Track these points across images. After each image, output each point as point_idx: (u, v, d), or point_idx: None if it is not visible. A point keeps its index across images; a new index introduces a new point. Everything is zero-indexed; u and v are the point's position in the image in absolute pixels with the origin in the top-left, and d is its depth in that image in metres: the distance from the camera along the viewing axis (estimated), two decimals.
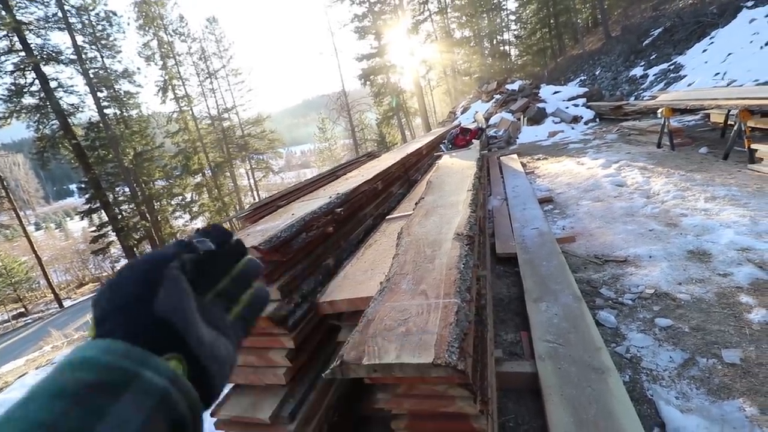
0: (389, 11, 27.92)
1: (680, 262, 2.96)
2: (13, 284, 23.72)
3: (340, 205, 2.17)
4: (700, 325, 2.27)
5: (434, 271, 1.26)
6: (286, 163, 69.56)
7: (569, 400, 1.79)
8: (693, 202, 4.03)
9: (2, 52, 17.59)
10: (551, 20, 29.09)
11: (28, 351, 7.06)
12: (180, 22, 26.90)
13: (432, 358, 0.84)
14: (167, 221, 24.63)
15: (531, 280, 2.91)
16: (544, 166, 7.44)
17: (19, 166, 63.26)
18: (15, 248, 25.94)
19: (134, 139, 22.55)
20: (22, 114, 18.45)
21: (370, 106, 33.36)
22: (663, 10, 18.04)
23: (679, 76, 12.49)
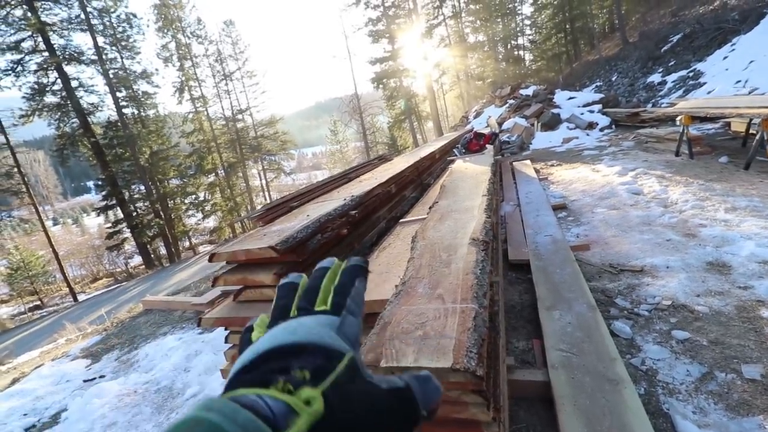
0: (403, 15, 28.01)
1: (699, 274, 2.90)
2: (31, 277, 24.27)
3: (354, 208, 2.17)
4: (719, 339, 2.22)
5: (450, 275, 1.25)
6: (297, 165, 70.03)
7: (583, 411, 1.76)
8: (712, 212, 3.95)
9: (27, 51, 18.10)
10: (567, 25, 28.82)
11: (43, 343, 7.20)
12: (198, 25, 27.37)
13: (451, 362, 0.83)
14: (180, 219, 24.97)
15: (544, 288, 2.88)
16: (558, 172, 7.36)
17: (39, 162, 64.92)
18: (33, 242, 26.55)
19: (151, 139, 22.95)
20: (44, 112, 18.93)
21: (382, 110, 33.45)
22: (682, 15, 17.75)
23: (699, 84, 12.26)
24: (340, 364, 0.28)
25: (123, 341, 4.77)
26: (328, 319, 0.33)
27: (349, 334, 0.32)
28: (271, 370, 0.27)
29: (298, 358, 0.28)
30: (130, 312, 6.22)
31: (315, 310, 0.34)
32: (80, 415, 3.13)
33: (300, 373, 0.26)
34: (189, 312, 5.12)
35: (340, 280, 0.37)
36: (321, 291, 0.36)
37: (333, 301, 0.35)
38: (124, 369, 3.97)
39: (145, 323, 5.21)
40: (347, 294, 0.36)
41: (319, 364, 0.27)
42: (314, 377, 0.26)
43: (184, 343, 4.00)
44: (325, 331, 0.31)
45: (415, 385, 0.31)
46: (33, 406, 3.56)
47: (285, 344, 0.29)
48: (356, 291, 0.36)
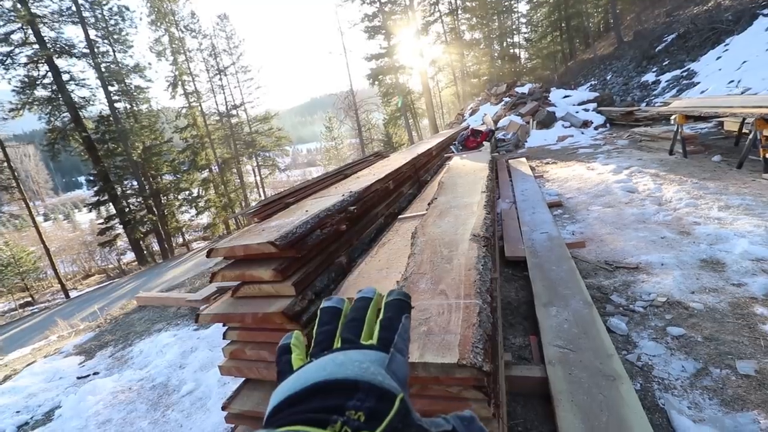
0: (399, 11, 27.92)
1: (693, 271, 2.93)
2: (21, 273, 23.92)
3: (353, 203, 2.16)
4: (714, 335, 2.25)
5: (452, 271, 1.25)
6: (292, 161, 69.77)
7: (580, 407, 1.77)
8: (706, 210, 3.99)
9: (16, 44, 17.77)
10: (562, 24, 28.92)
11: (34, 340, 7.12)
12: (191, 19, 27.03)
13: (457, 358, 0.83)
14: (174, 215, 24.75)
15: (540, 285, 2.89)
16: (554, 170, 7.40)
17: (29, 157, 63.95)
18: (24, 238, 26.17)
19: (143, 134, 22.70)
20: (35, 106, 18.63)
21: (377, 106, 33.35)
22: (677, 15, 17.87)
23: (692, 83, 12.37)
24: (393, 407, 0.27)
25: (117, 338, 4.73)
26: (376, 355, 0.32)
27: (398, 372, 0.32)
28: (325, 408, 0.26)
29: (351, 396, 0.27)
30: (123, 309, 6.16)
31: (361, 344, 0.34)
32: (74, 412, 3.10)
33: (356, 414, 0.26)
34: (184, 308, 5.08)
35: (385, 314, 0.36)
36: (366, 324, 0.35)
37: (380, 336, 0.34)
38: (118, 366, 3.93)
39: (139, 320, 5.16)
40: (395, 330, 0.35)
41: (373, 406, 0.27)
42: (369, 419, 0.26)
43: (179, 340, 3.98)
44: (375, 369, 0.30)
45: (460, 427, 0.30)
46: (26, 404, 3.52)
47: (336, 379, 0.28)
48: (403, 328, 0.35)
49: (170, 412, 2.84)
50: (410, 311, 0.38)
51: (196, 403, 2.87)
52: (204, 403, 2.83)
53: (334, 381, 0.28)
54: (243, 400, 1.59)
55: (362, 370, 0.29)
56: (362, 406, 0.26)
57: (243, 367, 1.65)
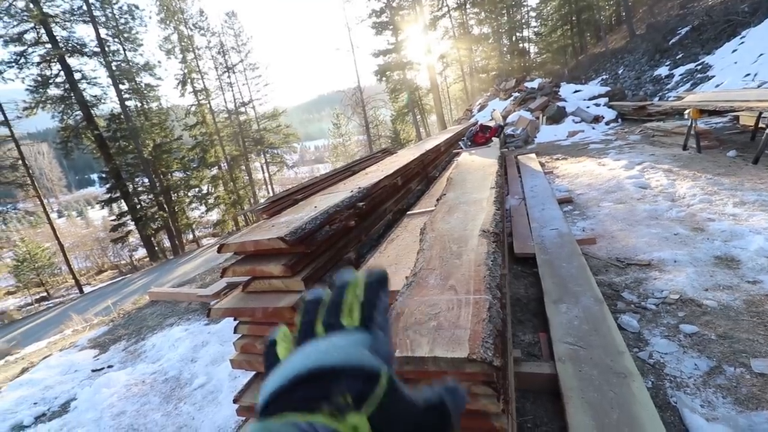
0: (407, 7, 27.75)
1: (707, 268, 2.88)
2: (37, 269, 24.47)
3: (361, 200, 2.16)
4: (728, 333, 2.21)
5: (462, 267, 1.25)
6: (300, 158, 70.02)
7: (591, 404, 1.76)
8: (721, 206, 3.91)
9: (29, 43, 18.07)
10: (573, 17, 28.49)
11: (50, 334, 7.27)
12: (200, 16, 27.20)
13: (467, 353, 0.83)
14: (184, 212, 25.05)
15: (550, 281, 2.87)
16: (564, 166, 7.32)
17: (43, 155, 65.10)
18: (39, 234, 26.71)
19: (154, 131, 22.97)
20: (48, 104, 18.95)
21: (385, 102, 33.29)
22: (691, 7, 17.48)
23: (707, 77, 12.11)
24: (380, 385, 0.28)
25: (130, 332, 4.81)
26: (359, 336, 0.32)
27: (382, 350, 0.32)
28: (312, 396, 0.27)
29: (337, 382, 0.28)
30: (135, 303, 6.27)
31: (343, 326, 0.34)
32: (89, 404, 3.16)
33: (342, 398, 0.27)
34: (195, 303, 5.15)
35: (365, 295, 0.36)
36: (345, 305, 0.35)
37: (361, 316, 0.34)
38: (131, 359, 4.01)
39: (152, 314, 5.24)
40: (374, 308, 0.35)
41: (360, 387, 0.28)
42: (357, 401, 0.27)
43: (190, 334, 4.03)
44: (359, 351, 0.31)
45: (447, 396, 0.32)
46: (42, 396, 3.61)
47: (321, 367, 0.29)
48: (382, 305, 0.36)
49: (182, 405, 2.89)
50: (388, 288, 0.38)
51: (207, 396, 2.91)
52: (215, 397, 2.88)
53: (319, 368, 0.29)
54: (254, 394, 1.61)
55: (345, 353, 0.30)
56: (349, 389, 0.27)
57: (254, 361, 1.67)
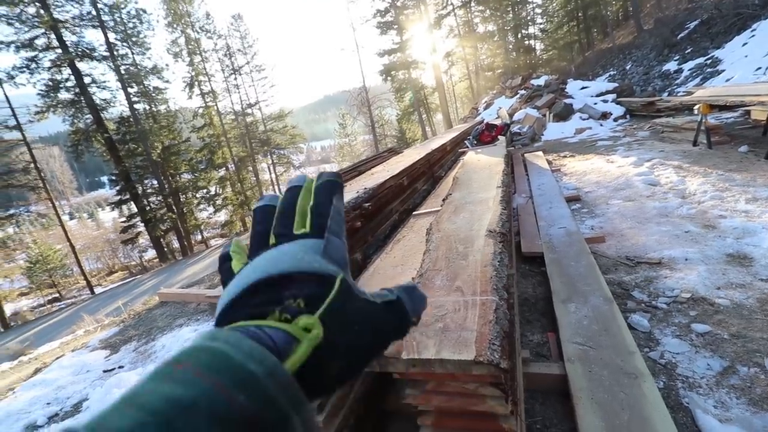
0: (412, 6, 27.71)
1: (719, 266, 2.84)
2: (49, 270, 24.88)
3: (367, 200, 2.16)
4: (741, 332, 2.17)
5: (468, 267, 1.24)
6: (306, 159, 70.24)
7: (601, 405, 1.74)
8: (732, 203, 3.85)
9: (40, 49, 18.36)
10: (579, 13, 28.22)
11: (62, 334, 7.36)
12: (206, 19, 27.41)
13: (473, 355, 0.82)
14: (192, 213, 25.28)
15: (559, 281, 2.85)
16: (571, 163, 7.25)
17: (54, 158, 66.13)
18: (51, 236, 27.12)
19: (162, 134, 23.21)
20: (59, 108, 19.24)
21: (390, 102, 33.27)
22: (700, 1, 17.22)
23: (717, 71, 11.92)
24: (333, 288, 0.28)
25: (140, 333, 4.86)
26: (312, 243, 0.32)
27: (336, 255, 0.32)
28: (263, 302, 0.27)
29: (288, 287, 0.28)
30: (145, 304, 6.33)
31: (295, 234, 0.33)
32: (101, 404, 3.20)
33: (294, 302, 0.27)
34: (203, 304, 5.19)
35: (316, 200, 0.35)
36: (297, 213, 0.34)
37: (312, 222, 0.33)
38: (142, 360, 4.05)
39: (161, 315, 5.30)
40: (327, 214, 0.34)
41: (311, 291, 0.28)
42: (309, 305, 0.27)
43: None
44: (310, 257, 0.30)
45: (404, 296, 0.32)
46: (55, 396, 3.66)
47: (272, 275, 0.28)
48: (335, 210, 0.34)
49: None
50: (342, 192, 0.37)
51: None
52: None
53: (272, 277, 0.28)
54: None
55: (296, 260, 0.29)
56: (300, 293, 0.27)
57: None
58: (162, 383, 0.19)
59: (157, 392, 0.18)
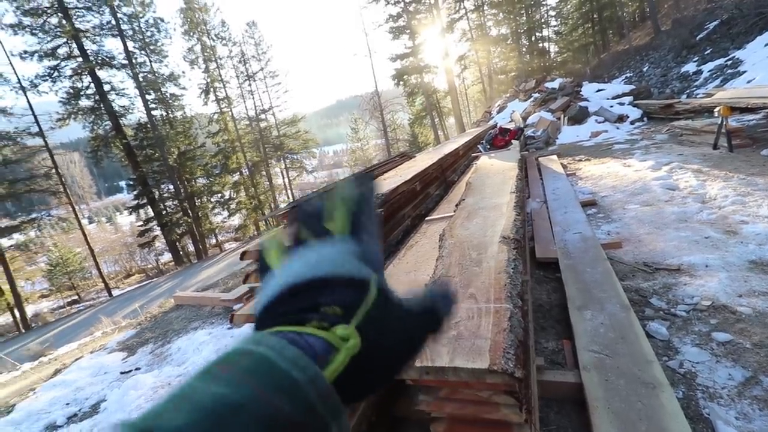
0: (424, 10, 27.78)
1: (741, 273, 2.76)
2: (69, 273, 25.55)
3: (380, 206, 2.17)
4: (764, 342, 2.11)
5: (482, 274, 1.23)
6: (319, 163, 70.74)
7: (617, 415, 1.71)
8: (755, 208, 3.74)
9: (62, 57, 18.98)
10: (594, 15, 27.90)
11: (80, 336, 7.54)
12: (222, 27, 27.97)
13: (487, 363, 0.82)
14: (207, 217, 25.70)
15: (574, 287, 2.80)
16: (587, 167, 7.15)
17: (75, 163, 68.05)
18: (71, 240, 27.87)
19: (178, 139, 23.69)
20: (79, 115, 19.83)
21: (402, 106, 33.35)
22: (720, 1, 16.86)
23: (738, 72, 11.63)
24: (369, 295, 0.28)
25: (156, 335, 4.95)
26: (347, 244, 0.32)
27: (371, 257, 0.32)
28: (301, 307, 0.27)
29: (326, 293, 0.28)
30: (161, 307, 6.45)
31: (331, 234, 0.33)
32: (118, 405, 3.27)
33: (331, 309, 0.27)
34: (218, 307, 5.26)
35: (353, 201, 0.35)
36: (334, 213, 0.34)
37: (348, 222, 0.33)
38: (158, 362, 4.12)
39: (177, 318, 5.38)
40: (362, 214, 0.34)
41: (348, 297, 0.28)
42: (346, 312, 0.27)
43: (214, 338, 4.12)
44: (347, 260, 0.30)
45: (438, 296, 0.32)
46: (74, 396, 3.75)
47: (309, 279, 0.29)
48: (372, 211, 0.35)
49: None
50: (375, 191, 0.37)
51: None
52: None
53: (309, 281, 0.29)
54: None
55: (333, 264, 0.30)
56: (337, 300, 0.27)
57: None
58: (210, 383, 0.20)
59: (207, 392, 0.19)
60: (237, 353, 0.22)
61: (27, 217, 18.53)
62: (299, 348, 0.23)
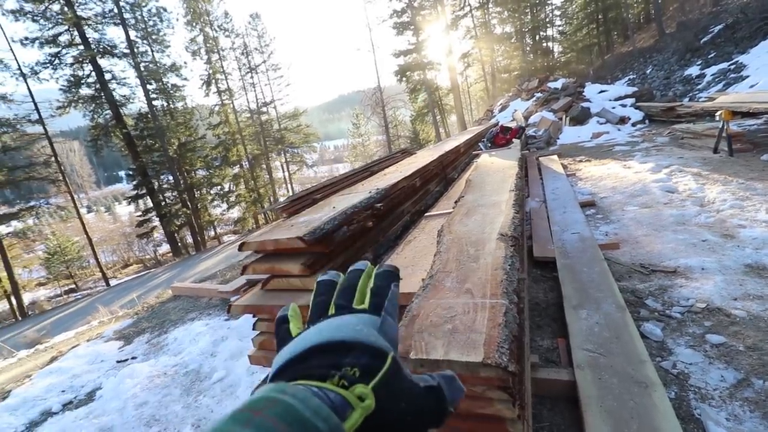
0: (428, 6, 27.64)
1: (736, 277, 2.77)
2: (66, 262, 25.54)
3: (379, 201, 2.18)
4: (757, 345, 2.12)
5: (479, 270, 1.24)
6: (319, 158, 70.66)
7: (609, 413, 1.72)
8: (753, 212, 3.75)
9: (63, 45, 18.86)
10: (599, 15, 27.79)
11: (77, 324, 7.56)
12: (225, 18, 27.80)
13: (481, 357, 0.83)
14: (206, 209, 25.67)
15: (570, 286, 2.82)
16: (587, 168, 7.15)
17: (74, 152, 67.79)
18: (69, 228, 27.84)
19: (179, 130, 23.61)
20: (80, 104, 19.74)
21: (404, 103, 33.26)
22: (725, 5, 16.80)
23: (741, 77, 11.62)
24: (386, 363, 0.30)
25: (153, 325, 4.96)
26: (369, 318, 0.35)
27: (389, 334, 0.34)
28: (323, 365, 0.29)
29: (347, 355, 0.30)
30: (159, 297, 6.46)
31: (354, 309, 0.36)
32: (114, 393, 3.29)
33: (351, 370, 0.29)
34: (215, 299, 5.28)
35: (376, 282, 0.39)
36: (358, 291, 0.38)
37: (371, 301, 0.37)
38: (154, 351, 4.14)
39: (174, 308, 5.40)
40: (385, 296, 0.37)
41: (367, 363, 0.30)
42: (364, 374, 0.29)
43: (211, 329, 4.13)
44: (368, 331, 0.33)
45: (444, 384, 0.34)
46: (70, 384, 3.77)
47: (333, 341, 0.31)
48: (392, 294, 0.38)
49: (202, 398, 2.96)
50: (398, 281, 0.41)
51: (226, 390, 2.98)
52: (233, 391, 2.94)
53: (331, 342, 0.31)
54: None
55: (356, 331, 0.32)
56: (357, 363, 0.29)
57: (272, 358, 1.70)
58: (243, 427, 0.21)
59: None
60: (265, 400, 0.23)
61: (25, 204, 18.50)
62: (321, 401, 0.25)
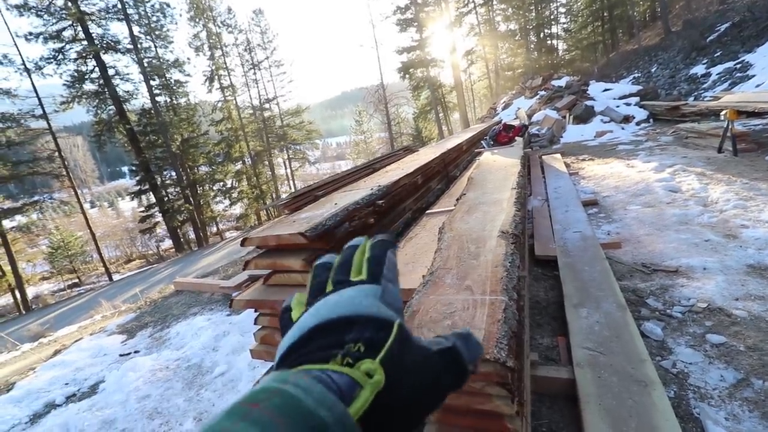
0: (432, 3, 27.53)
1: (738, 277, 2.76)
2: (70, 256, 25.70)
3: (381, 198, 2.18)
4: (758, 345, 2.12)
5: (479, 267, 1.25)
6: (321, 154, 70.67)
7: (608, 411, 1.73)
8: (756, 212, 3.74)
9: (67, 40, 18.90)
10: (605, 13, 27.57)
11: (81, 318, 7.61)
12: (228, 14, 27.78)
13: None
14: (209, 205, 25.74)
15: (571, 285, 2.82)
16: (590, 167, 7.13)
17: (78, 147, 67.99)
18: (72, 223, 28.00)
19: (182, 126, 23.66)
20: (83, 99, 19.80)
21: (407, 100, 33.17)
22: (732, 3, 16.65)
23: (747, 76, 11.54)
24: (392, 333, 0.29)
25: (156, 319, 5.00)
26: (369, 288, 0.33)
27: (392, 301, 0.32)
28: (325, 345, 0.28)
29: (349, 331, 0.28)
30: (161, 292, 6.50)
31: (352, 281, 0.34)
32: (116, 386, 3.32)
33: (355, 346, 0.27)
34: (217, 294, 5.30)
35: (371, 253, 0.36)
36: (354, 263, 0.36)
37: (369, 270, 0.35)
38: (156, 345, 4.17)
39: (176, 303, 5.43)
40: (382, 263, 0.35)
41: (371, 335, 0.28)
42: (369, 349, 0.27)
43: (212, 324, 4.16)
44: (369, 301, 0.31)
45: (459, 343, 0.32)
46: (73, 377, 3.80)
47: (333, 318, 0.29)
48: (390, 261, 0.36)
49: (204, 392, 2.99)
50: (395, 248, 0.39)
51: (227, 384, 3.01)
52: (235, 385, 2.96)
53: (331, 320, 0.29)
54: None
55: (356, 305, 0.30)
56: (361, 337, 0.28)
57: (273, 352, 1.71)
58: (239, 421, 0.20)
59: (237, 431, 0.20)
60: (264, 391, 0.22)
61: (29, 199, 18.60)
62: (325, 386, 0.24)
